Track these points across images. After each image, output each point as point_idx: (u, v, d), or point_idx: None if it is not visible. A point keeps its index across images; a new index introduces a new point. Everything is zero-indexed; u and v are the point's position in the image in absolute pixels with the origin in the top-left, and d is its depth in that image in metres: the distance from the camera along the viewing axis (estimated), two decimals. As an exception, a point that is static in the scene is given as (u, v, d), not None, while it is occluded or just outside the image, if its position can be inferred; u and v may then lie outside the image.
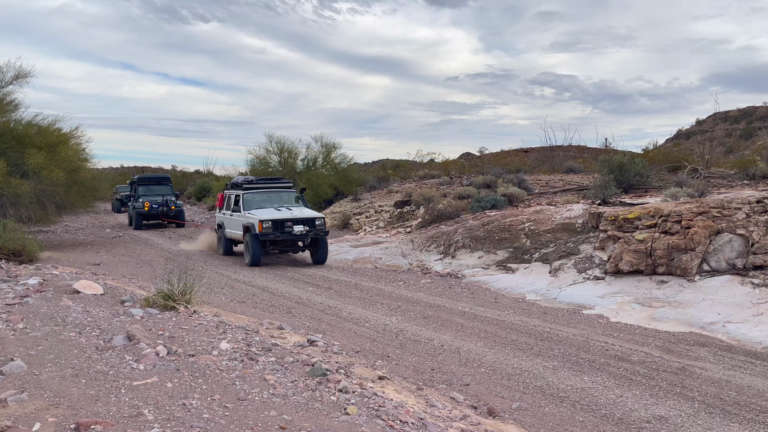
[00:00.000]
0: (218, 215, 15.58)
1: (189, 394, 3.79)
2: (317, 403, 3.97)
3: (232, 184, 15.42)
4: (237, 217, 13.89)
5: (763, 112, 72.13)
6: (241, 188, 14.33)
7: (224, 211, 14.98)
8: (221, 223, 15.15)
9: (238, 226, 13.78)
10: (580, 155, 30.44)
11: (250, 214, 13.29)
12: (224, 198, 15.28)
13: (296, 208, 13.81)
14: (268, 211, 13.34)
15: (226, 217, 14.85)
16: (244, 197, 14.00)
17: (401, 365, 6.11)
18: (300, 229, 12.89)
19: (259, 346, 5.32)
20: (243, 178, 15.51)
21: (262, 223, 12.70)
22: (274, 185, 15.08)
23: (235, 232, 14.18)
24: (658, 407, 5.08)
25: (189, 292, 6.54)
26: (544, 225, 12.22)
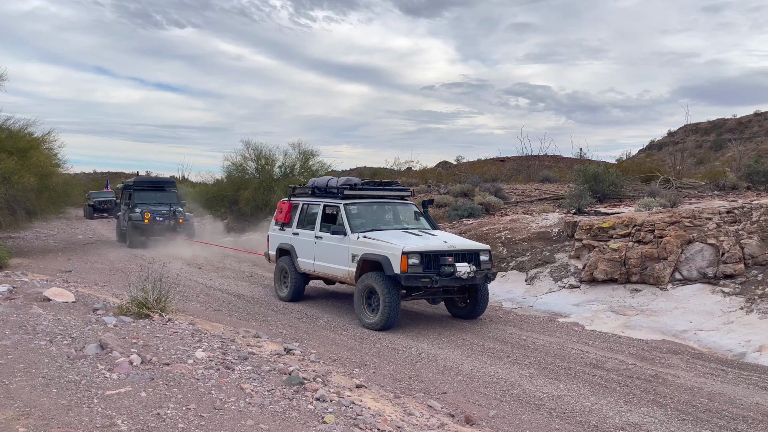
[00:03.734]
0: (277, 234, 10.47)
1: (164, 404, 3.74)
2: (294, 412, 3.94)
3: (316, 188, 10.02)
4: (334, 243, 8.90)
5: (732, 125, 73.94)
6: (340, 196, 9.23)
7: (295, 230, 10.00)
8: (287, 248, 10.05)
9: (339, 257, 8.82)
10: (555, 165, 30.86)
11: (372, 239, 8.32)
12: (292, 209, 10.25)
13: (441, 234, 9.10)
14: (402, 237, 8.39)
15: (301, 240, 9.78)
16: (347, 211, 8.93)
17: (379, 373, 6.09)
18: (465, 269, 7.92)
19: (235, 354, 5.26)
20: (336, 179, 9.89)
21: (407, 258, 7.67)
22: (387, 192, 9.78)
23: (328, 267, 9.14)
24: (632, 414, 5.14)
25: (164, 300, 6.46)
26: (520, 234, 12.33)
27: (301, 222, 9.92)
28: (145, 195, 19.43)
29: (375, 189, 9.65)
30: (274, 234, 10.60)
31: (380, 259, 7.98)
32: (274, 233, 10.60)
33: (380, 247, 8.11)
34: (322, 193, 9.80)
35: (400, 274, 7.71)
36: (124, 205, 19.78)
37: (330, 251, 9.03)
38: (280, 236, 10.39)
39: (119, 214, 20.34)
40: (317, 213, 9.56)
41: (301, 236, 9.79)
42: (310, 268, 9.59)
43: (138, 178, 21.49)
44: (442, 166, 39.83)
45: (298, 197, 10.37)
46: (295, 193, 10.60)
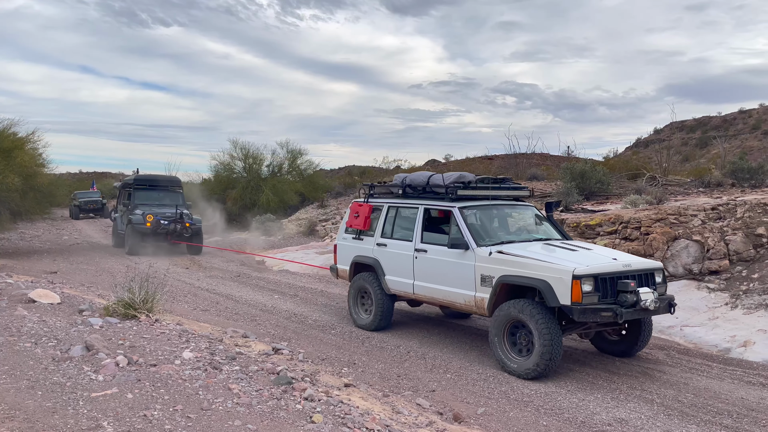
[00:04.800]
0: (351, 244, 8.37)
1: (150, 405, 3.71)
2: (282, 412, 3.93)
3: (409, 186, 7.88)
4: (450, 259, 6.86)
5: (717, 122, 74.72)
6: (450, 197, 7.18)
7: (379, 239, 7.90)
8: (369, 263, 7.99)
9: (458, 278, 6.76)
10: (543, 163, 30.96)
11: (515, 255, 6.27)
12: (373, 213, 8.16)
13: (594, 247, 7.06)
14: (554, 252, 6.43)
15: (390, 253, 7.70)
16: (464, 216, 6.92)
17: (367, 372, 6.09)
18: (650, 297, 5.90)
19: (223, 354, 5.24)
20: (440, 175, 7.62)
21: (579, 283, 5.68)
22: (504, 192, 7.73)
23: (438, 290, 7.05)
24: (619, 410, 5.18)
25: (150, 301, 6.41)
26: (508, 231, 12.37)
27: (389, 230, 7.85)
28: (147, 195, 17.36)
29: (491, 187, 7.52)
30: (347, 244, 8.45)
31: (537, 285, 5.90)
32: (347, 243, 8.46)
33: (533, 268, 5.99)
34: (419, 193, 7.73)
35: (572, 306, 5.62)
36: (122, 206, 17.84)
37: (441, 270, 6.97)
38: (355, 247, 8.24)
39: (116, 216, 18.32)
40: (415, 219, 7.51)
41: (391, 248, 7.70)
42: (406, 289, 7.51)
43: (139, 176, 18.42)
44: (431, 165, 39.85)
45: (379, 197, 8.27)
46: (374, 192, 8.41)
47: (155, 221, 15.87)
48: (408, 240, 7.53)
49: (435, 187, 7.52)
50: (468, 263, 6.65)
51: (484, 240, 6.75)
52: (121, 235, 17.22)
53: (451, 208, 7.08)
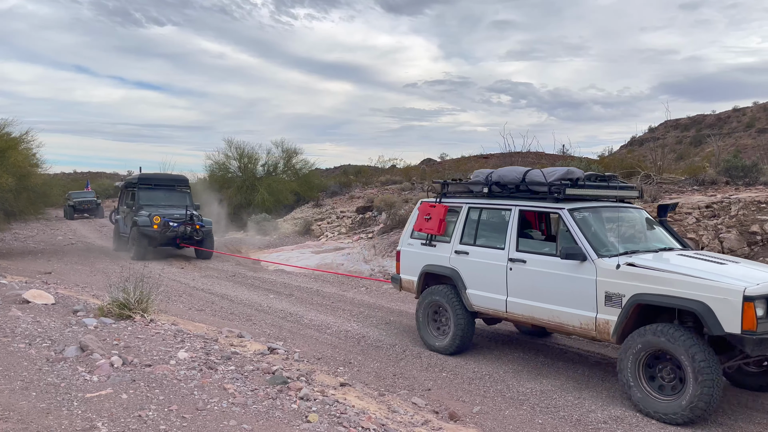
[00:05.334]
0: (420, 251, 7.24)
1: (145, 406, 3.70)
2: (278, 412, 3.93)
3: (497, 183, 6.72)
4: (560, 272, 5.74)
5: (711, 121, 75.01)
6: (555, 197, 6.02)
7: (458, 246, 6.79)
8: (446, 274, 6.87)
9: (571, 295, 5.65)
10: (538, 161, 30.96)
11: (656, 269, 5.18)
12: (449, 215, 7.01)
13: (728, 260, 5.75)
14: (699, 264, 5.32)
15: (475, 263, 6.59)
16: (576, 220, 5.82)
17: (363, 371, 6.09)
18: None
19: (218, 354, 5.23)
20: (539, 171, 6.48)
21: (753, 306, 4.60)
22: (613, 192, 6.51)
23: (543, 309, 5.89)
24: (615, 408, 5.19)
25: (145, 301, 6.39)
26: (503, 230, 12.39)
27: (470, 235, 6.72)
28: (152, 195, 16.28)
29: (600, 186, 6.41)
30: (414, 251, 7.30)
31: (691, 307, 4.80)
32: (414, 249, 7.32)
33: (684, 285, 4.87)
34: (509, 192, 6.57)
35: (743, 336, 4.55)
36: (125, 207, 16.70)
37: (547, 284, 5.80)
38: (426, 255, 7.09)
39: (117, 218, 17.35)
40: (507, 222, 6.35)
41: (475, 257, 6.55)
42: (495, 306, 6.33)
43: (144, 175, 17.22)
44: (426, 164, 39.87)
45: (456, 197, 7.16)
46: (448, 190, 7.30)
47: (163, 223, 14.65)
48: (498, 248, 6.37)
49: (533, 184, 6.32)
50: (586, 278, 5.48)
51: (605, 249, 5.55)
52: (124, 238, 16.31)
53: (558, 211, 5.94)
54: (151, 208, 15.50)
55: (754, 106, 73.39)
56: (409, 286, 7.43)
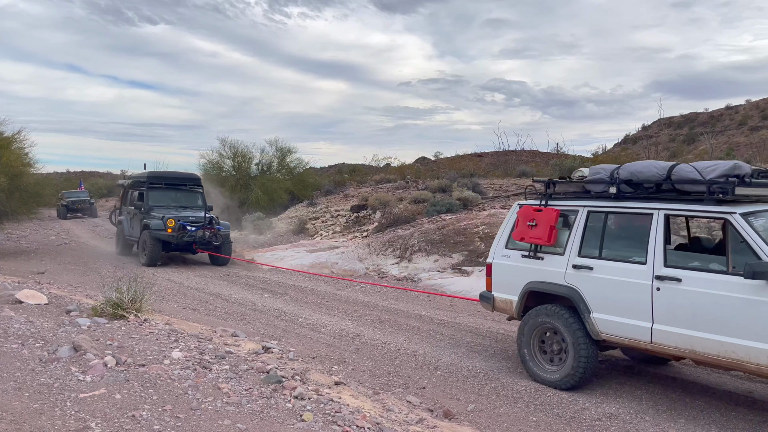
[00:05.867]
0: (521, 264, 6.06)
1: (139, 406, 3.69)
2: (272, 411, 3.92)
3: (627, 182, 5.49)
4: (740, 295, 4.53)
5: (704, 119, 75.34)
6: (718, 198, 4.85)
7: (577, 259, 5.59)
8: (561, 294, 5.67)
9: (758, 325, 4.43)
10: (532, 159, 31.10)
11: None
12: (560, 221, 5.85)
13: None
14: None
15: (604, 280, 5.35)
16: (753, 227, 4.65)
17: (357, 370, 6.09)
18: None
19: (212, 354, 5.21)
20: (688, 166, 5.14)
21: None
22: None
23: (714, 342, 4.65)
24: (608, 405, 5.21)
25: (139, 300, 6.37)
26: (497, 228, 12.41)
27: (594, 245, 5.52)
28: (163, 195, 15.09)
29: None
30: (512, 264, 6.13)
31: None
32: (511, 262, 6.14)
33: None
34: (648, 192, 5.39)
35: None
36: (133, 208, 15.29)
37: (719, 310, 4.64)
38: (531, 269, 5.91)
39: (121, 219, 16.02)
40: (651, 230, 5.18)
41: (603, 273, 5.32)
42: (636, 336, 5.13)
43: (153, 173, 15.80)
44: (421, 162, 39.92)
45: (567, 198, 5.98)
46: (555, 191, 6.09)
47: (178, 227, 13.63)
48: (636, 262, 5.22)
49: (683, 183, 5.13)
50: None
51: None
52: (129, 242, 15.30)
53: (726, 216, 4.78)
54: (162, 209, 14.44)
55: (747, 104, 73.76)
56: (505, 306, 6.21)
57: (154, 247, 13.58)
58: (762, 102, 72.45)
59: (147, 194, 14.87)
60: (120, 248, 15.89)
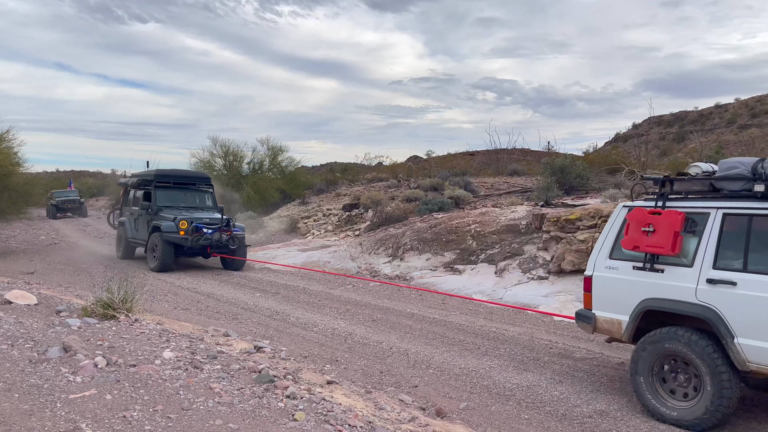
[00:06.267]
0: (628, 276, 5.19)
1: (130, 406, 3.67)
2: (264, 411, 3.91)
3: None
4: None
5: (694, 117, 75.86)
6: None
7: (720, 273, 4.59)
8: (701, 314, 4.63)
9: None
10: (523, 158, 31.20)
11: None
12: (687, 226, 4.88)
13: None
14: None
15: (756, 299, 4.34)
16: None
17: (350, 369, 6.09)
18: None
19: (204, 353, 5.19)
20: None
21: None
22: None
23: None
24: (599, 402, 5.24)
25: (130, 300, 6.33)
26: (489, 227, 12.44)
27: (733, 255, 4.65)
28: (171, 195, 14.01)
29: None
30: (621, 278, 5.26)
31: None
32: (620, 276, 5.28)
33: None
34: None
35: None
36: (137, 208, 14.17)
37: None
38: (646, 283, 5.05)
39: (123, 220, 14.90)
40: None
41: (751, 289, 4.40)
42: None
43: (161, 171, 14.74)
44: (413, 161, 39.97)
45: (690, 199, 5.09)
46: (672, 190, 5.23)
47: (192, 229, 12.60)
48: None
49: None
50: None
51: None
52: (133, 245, 14.44)
53: None
54: (172, 210, 13.41)
55: (736, 103, 74.34)
56: (610, 328, 5.32)
57: (165, 251, 12.54)
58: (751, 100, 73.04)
59: (155, 194, 13.77)
60: (122, 252, 14.87)
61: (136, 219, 14.23)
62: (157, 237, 12.72)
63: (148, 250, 13.10)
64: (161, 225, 12.75)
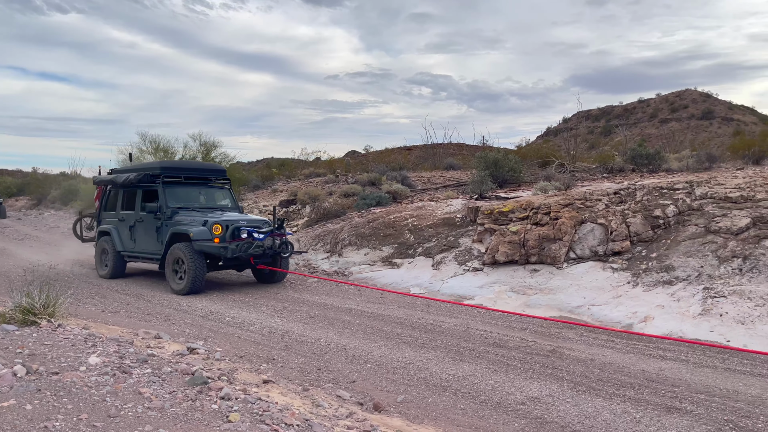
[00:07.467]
0: None
1: (52, 416, 3.49)
2: (197, 413, 3.81)
3: None
4: None
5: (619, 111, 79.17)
6: None
7: None
8: None
9: None
10: (459, 152, 31.69)
11: None
12: None
13: None
14: None
15: None
16: None
17: (287, 367, 6.03)
18: None
19: (133, 358, 5.01)
20: None
21: None
22: None
23: None
24: (532, 389, 5.40)
25: (53, 305, 6.03)
26: (426, 220, 12.58)
27: None
28: (184, 193, 11.25)
29: None
30: None
31: None
32: None
33: None
34: None
35: None
36: (136, 212, 11.35)
37: None
38: None
39: (108, 229, 11.83)
40: None
41: None
42: None
43: (167, 163, 12.08)
44: (351, 156, 39.88)
45: None
46: None
47: (231, 233, 9.97)
48: None
49: None
50: None
51: None
52: (121, 260, 11.70)
53: None
54: (188, 212, 10.82)
55: (657, 98, 78.12)
56: None
57: (198, 265, 9.77)
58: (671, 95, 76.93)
59: (163, 192, 10.85)
60: (110, 269, 11.70)
61: (133, 226, 11.35)
62: (184, 248, 9.85)
63: (168, 266, 10.21)
64: (190, 231, 9.89)
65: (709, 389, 5.39)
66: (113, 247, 11.66)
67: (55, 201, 33.85)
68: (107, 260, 11.85)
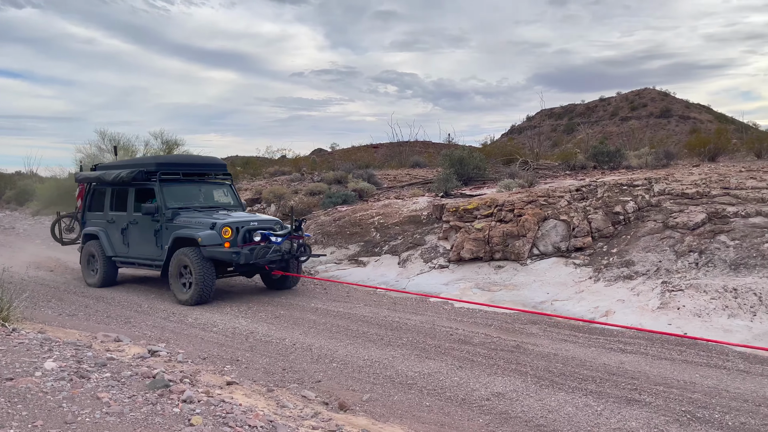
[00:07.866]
0: None
1: (6, 423, 3.38)
2: (158, 418, 3.73)
3: None
4: None
5: (581, 110, 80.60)
6: None
7: None
8: None
9: None
10: (425, 150, 31.82)
11: None
12: None
13: None
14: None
15: None
16: None
17: (251, 368, 5.96)
18: None
19: (91, 362, 4.88)
20: None
21: None
22: None
23: None
24: (496, 385, 5.45)
25: (6, 309, 5.84)
26: (392, 218, 12.59)
27: None
28: (183, 191, 10.27)
29: None
30: None
31: None
32: None
33: None
34: None
35: None
36: (129, 213, 10.36)
37: None
38: None
39: (96, 232, 10.81)
40: None
41: None
42: None
43: (162, 159, 11.43)
44: (317, 154, 39.68)
45: None
46: None
47: (243, 237, 9.14)
48: None
49: None
50: None
51: None
52: (112, 266, 10.68)
53: None
54: (190, 212, 9.85)
55: (618, 96, 79.81)
56: None
57: (206, 273, 8.93)
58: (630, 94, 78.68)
59: (161, 191, 9.87)
60: (101, 276, 10.66)
61: (126, 228, 10.39)
62: (191, 253, 8.99)
63: (172, 275, 9.29)
64: (198, 236, 8.98)
65: (668, 381, 5.52)
66: (102, 251, 10.61)
67: (11, 201, 32.78)
68: (96, 266, 10.79)
